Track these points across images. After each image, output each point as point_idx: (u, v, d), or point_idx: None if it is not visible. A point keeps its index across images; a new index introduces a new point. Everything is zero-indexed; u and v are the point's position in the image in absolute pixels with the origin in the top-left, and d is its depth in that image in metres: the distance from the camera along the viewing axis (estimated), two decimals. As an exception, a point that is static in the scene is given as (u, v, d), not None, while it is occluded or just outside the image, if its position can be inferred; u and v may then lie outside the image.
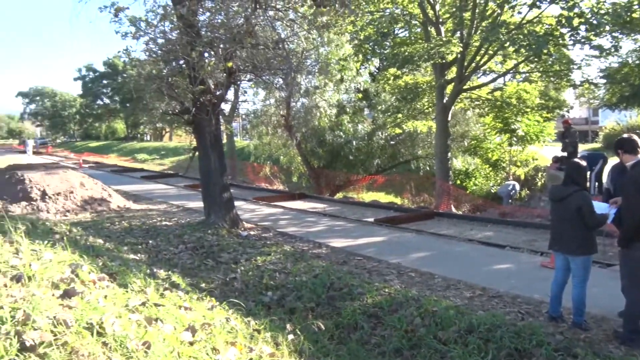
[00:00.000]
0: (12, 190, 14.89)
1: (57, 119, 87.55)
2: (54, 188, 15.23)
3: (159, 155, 45.75)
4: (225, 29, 10.13)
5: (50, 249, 4.52)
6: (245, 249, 9.38)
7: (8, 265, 3.53)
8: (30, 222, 7.92)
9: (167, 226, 11.93)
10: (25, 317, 2.67)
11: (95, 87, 77.45)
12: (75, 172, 17.71)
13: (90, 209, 14.99)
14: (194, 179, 23.54)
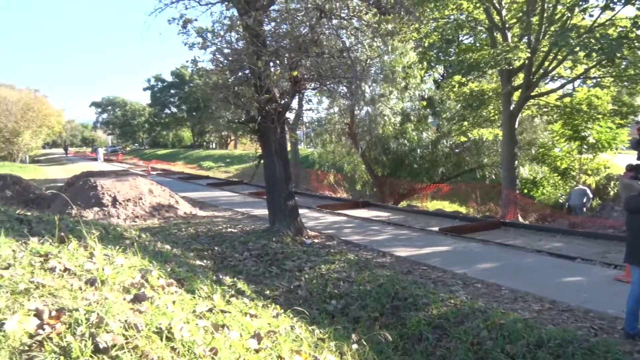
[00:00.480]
0: (85, 196, 15.49)
1: (127, 127, 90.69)
2: (124, 194, 15.75)
3: (224, 163, 46.55)
4: (291, 38, 10.24)
5: (122, 254, 4.64)
6: (309, 257, 9.39)
7: (83, 269, 3.64)
8: (103, 227, 8.17)
9: (232, 233, 12.10)
10: (99, 320, 2.75)
11: (163, 96, 79.68)
12: (144, 179, 18.24)
13: (158, 215, 15.39)
14: (259, 187, 23.83)
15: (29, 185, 19.32)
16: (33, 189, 19.12)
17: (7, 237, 4.18)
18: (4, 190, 17.55)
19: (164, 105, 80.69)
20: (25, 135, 55.89)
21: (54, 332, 2.54)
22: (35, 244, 4.08)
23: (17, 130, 54.77)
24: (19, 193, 17.95)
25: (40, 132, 60.29)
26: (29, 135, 56.73)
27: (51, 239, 4.36)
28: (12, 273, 3.18)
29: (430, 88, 25.75)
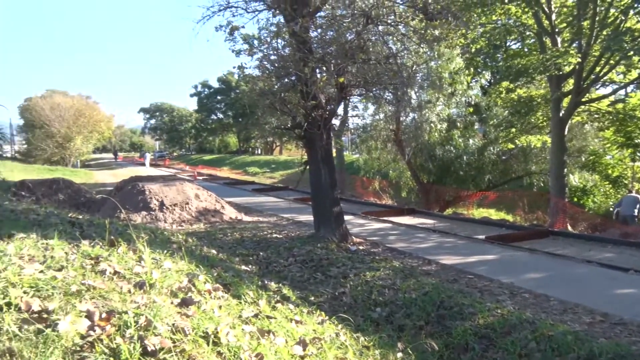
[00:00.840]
0: (133, 201, 15.81)
1: (174, 133, 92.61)
2: (171, 199, 16.00)
3: (270, 169, 46.94)
4: (337, 44, 10.25)
5: (169, 258, 4.70)
6: (354, 263, 9.34)
7: (132, 272, 3.71)
8: (151, 231, 8.32)
9: (278, 239, 12.14)
10: (147, 323, 2.78)
11: (209, 102, 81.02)
12: (191, 184, 18.49)
13: (204, 219, 15.58)
14: (304, 193, 23.89)
15: (80, 189, 19.84)
16: (84, 193, 19.62)
17: (60, 239, 4.29)
18: (57, 193, 18.08)
19: (211, 111, 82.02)
20: (76, 140, 57.70)
21: (104, 333, 2.59)
22: (87, 247, 4.18)
23: (69, 135, 56.60)
24: (71, 196, 18.46)
25: (91, 138, 62.12)
26: (80, 140, 58.54)
27: (101, 242, 4.47)
28: (65, 275, 3.26)
29: (477, 94, 25.41)
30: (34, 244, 4.01)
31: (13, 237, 4.14)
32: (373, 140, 25.53)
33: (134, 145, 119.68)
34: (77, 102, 61.39)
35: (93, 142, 65.39)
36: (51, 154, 56.37)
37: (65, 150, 57.61)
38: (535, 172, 25.40)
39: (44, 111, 56.57)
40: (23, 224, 5.58)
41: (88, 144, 62.81)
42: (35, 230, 4.66)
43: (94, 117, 61.29)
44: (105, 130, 64.93)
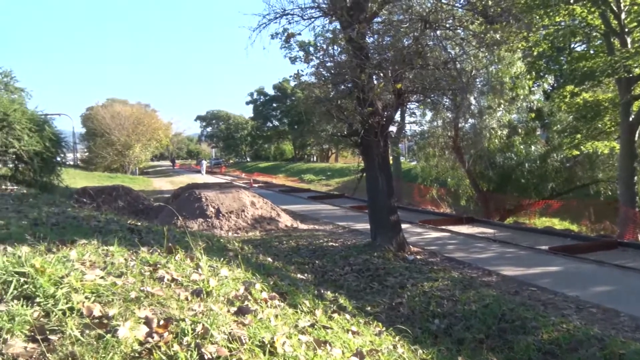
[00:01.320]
0: (190, 208, 16.12)
1: (230, 140, 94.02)
2: (227, 206, 16.24)
3: (325, 176, 47.02)
4: (394, 50, 10.21)
5: (226, 265, 4.75)
6: (412, 273, 9.25)
7: (189, 279, 3.77)
8: (207, 238, 8.45)
9: (333, 247, 12.15)
10: (204, 331, 2.81)
11: (265, 110, 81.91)
12: (247, 191, 18.72)
13: (260, 227, 15.74)
14: (361, 200, 23.81)
15: (138, 196, 20.39)
16: (142, 200, 20.16)
17: (120, 246, 4.41)
18: (116, 200, 18.64)
19: (266, 118, 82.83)
20: (135, 148, 59.26)
21: (161, 340, 2.63)
22: (145, 254, 4.27)
23: (128, 143, 58.24)
24: (130, 203, 19.00)
25: (149, 145, 63.63)
26: (139, 148, 60.08)
27: (160, 249, 4.55)
28: (125, 281, 3.33)
29: (539, 99, 24.76)
30: (95, 250, 4.12)
31: (76, 243, 4.28)
32: (431, 147, 25.24)
33: (191, 153, 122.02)
34: (136, 111, 63.23)
35: (151, 150, 66.85)
36: (111, 161, 58.18)
37: (124, 158, 59.29)
38: (602, 179, 24.53)
39: (104, 120, 58.37)
40: (85, 230, 5.76)
41: (146, 152, 64.31)
42: (96, 237, 4.81)
43: (152, 125, 62.79)
44: (163, 138, 66.35)
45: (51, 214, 7.54)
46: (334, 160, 74.07)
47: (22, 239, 4.38)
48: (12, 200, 9.73)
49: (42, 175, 20.04)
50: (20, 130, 18.03)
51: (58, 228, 5.91)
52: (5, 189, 12.58)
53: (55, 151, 20.70)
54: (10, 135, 17.79)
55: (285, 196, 29.31)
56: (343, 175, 43.33)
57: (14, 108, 18.76)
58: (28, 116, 19.37)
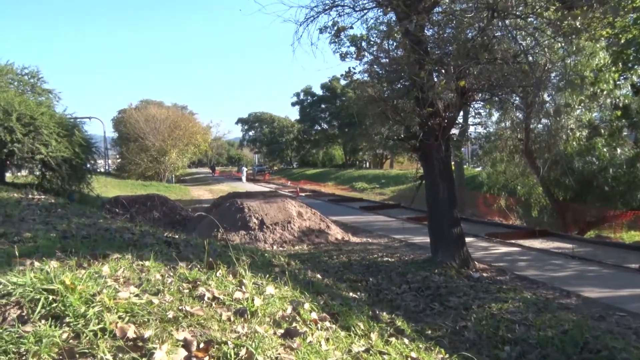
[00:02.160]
0: (231, 218, 16.28)
1: (274, 145, 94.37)
2: (272, 217, 16.33)
3: (379, 184, 46.84)
4: (457, 43, 10.06)
5: (272, 283, 4.75)
6: (478, 293, 9.10)
7: (232, 298, 3.77)
8: (250, 252, 8.50)
9: (389, 263, 12.07)
10: (248, 356, 2.81)
11: (313, 111, 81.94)
12: (293, 201, 18.79)
13: (308, 240, 15.77)
14: (419, 211, 23.64)
15: (175, 206, 20.75)
16: (179, 210, 20.51)
17: (156, 260, 4.46)
18: (151, 210, 19.00)
19: (314, 121, 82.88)
20: (171, 153, 59.65)
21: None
22: (184, 269, 4.31)
23: (164, 149, 58.63)
24: (166, 214, 19.34)
25: (186, 151, 64.10)
26: (175, 154, 60.43)
27: (199, 265, 4.59)
28: (161, 300, 3.36)
29: (626, 94, 23.99)
30: (129, 265, 4.18)
31: (108, 258, 4.35)
32: (498, 151, 24.80)
33: (232, 159, 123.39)
34: (172, 113, 63.85)
35: (188, 156, 67.42)
36: (145, 168, 58.65)
37: (159, 165, 59.73)
38: None
39: (138, 123, 59.09)
40: (118, 244, 5.86)
41: (183, 158, 64.73)
42: (130, 251, 4.88)
43: (189, 128, 63.15)
44: (201, 142, 66.90)
45: (81, 225, 7.71)
46: (388, 166, 73.64)
47: (51, 252, 4.47)
48: (40, 211, 10.02)
49: (71, 183, 20.61)
50: (47, 135, 18.56)
51: (89, 241, 6.03)
52: (32, 198, 12.94)
53: (85, 157, 21.25)
54: (37, 140, 18.33)
55: (335, 206, 29.33)
56: (399, 183, 43.11)
57: (41, 111, 19.34)
58: (56, 120, 19.94)
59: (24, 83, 33.43)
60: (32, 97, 28.34)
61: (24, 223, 7.88)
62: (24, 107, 18.82)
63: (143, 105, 71.93)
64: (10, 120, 17.76)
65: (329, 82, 76.93)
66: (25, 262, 3.94)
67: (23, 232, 6.40)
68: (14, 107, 18.33)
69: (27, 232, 6.36)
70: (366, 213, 25.56)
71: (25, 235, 6.12)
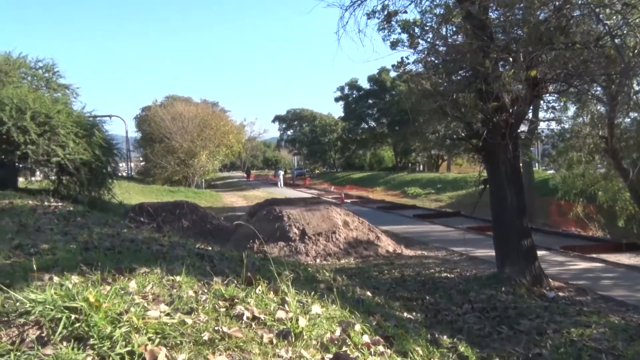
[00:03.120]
0: (269, 228, 16.34)
1: (315, 146, 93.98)
2: (315, 227, 16.35)
3: (435, 189, 46.50)
4: (528, 26, 9.88)
5: (317, 301, 4.74)
6: (553, 315, 8.96)
7: (274, 318, 3.77)
8: (292, 266, 8.53)
9: (448, 279, 11.99)
10: (295, 385, 2.80)
11: (359, 108, 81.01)
12: (338, 208, 18.80)
13: (355, 252, 15.76)
14: (481, 220, 23.44)
15: (205, 215, 20.92)
16: (210, 219, 20.67)
17: (188, 275, 4.48)
18: (180, 219, 19.21)
19: (360, 118, 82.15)
20: (201, 155, 59.44)
21: (242, 394, 2.63)
22: (219, 285, 4.33)
23: (192, 150, 58.52)
24: (196, 223, 19.52)
25: (217, 153, 63.86)
26: (205, 156, 60.25)
27: (236, 280, 4.60)
28: (195, 319, 3.37)
29: None
30: (159, 280, 4.22)
31: (135, 272, 4.40)
32: (574, 151, 24.36)
33: (268, 162, 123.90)
34: (202, 111, 63.83)
35: (220, 158, 67.18)
36: (172, 172, 58.88)
37: (187, 168, 59.84)
38: None
39: (163, 122, 59.32)
40: (145, 256, 5.92)
41: (214, 161, 64.41)
42: (159, 264, 4.92)
43: (221, 128, 63.09)
44: (234, 143, 66.76)
45: (104, 236, 7.82)
46: (445, 169, 73.11)
47: (72, 266, 4.54)
48: (57, 220, 10.18)
49: (91, 189, 20.91)
50: (64, 135, 18.85)
51: (113, 253, 6.11)
52: (48, 205, 13.15)
53: (106, 160, 21.56)
54: (52, 141, 18.61)
55: (385, 214, 29.31)
56: (457, 188, 42.71)
57: (57, 109, 19.66)
58: (74, 119, 20.25)
59: (38, 78, 33.90)
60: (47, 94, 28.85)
61: (40, 233, 8.02)
62: (38, 104, 19.16)
63: (169, 101, 72.51)
64: (24, 119, 18.07)
65: (378, 74, 76.34)
66: (43, 276, 4.00)
67: (40, 244, 6.51)
68: (27, 105, 18.68)
69: (44, 244, 6.47)
70: (420, 222, 25.54)
71: (42, 247, 6.23)
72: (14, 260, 5.31)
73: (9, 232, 7.65)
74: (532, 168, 34.24)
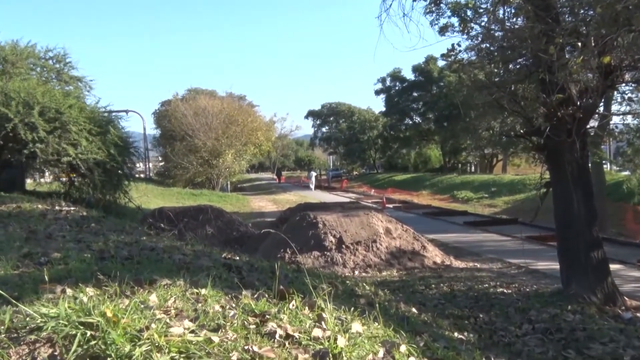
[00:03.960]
0: (302, 236, 16.36)
1: (353, 144, 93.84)
2: (353, 235, 16.35)
3: (488, 193, 46.25)
4: (602, 5, 9.71)
5: (357, 318, 4.71)
6: (631, 340, 8.77)
7: (309, 337, 3.74)
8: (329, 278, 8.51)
9: (504, 295, 11.89)
10: (335, 413, 2.77)
11: (402, 101, 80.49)
12: (379, 214, 18.76)
13: (398, 264, 15.73)
14: (543, 228, 23.20)
15: (232, 221, 21.03)
16: (237, 225, 20.78)
17: (214, 288, 4.48)
18: (204, 225, 19.32)
19: (404, 113, 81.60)
20: (227, 155, 59.53)
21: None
22: (249, 300, 4.32)
23: (217, 149, 58.77)
24: (221, 230, 19.63)
25: (244, 152, 63.64)
26: (231, 155, 60.27)
27: (267, 294, 4.59)
28: (223, 337, 3.36)
29: None
30: (182, 293, 4.22)
31: (156, 284, 4.41)
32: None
33: (300, 162, 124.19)
34: (227, 105, 64.10)
35: (247, 158, 66.95)
36: (194, 173, 58.95)
37: (211, 169, 59.92)
38: None
39: (185, 118, 59.58)
40: (167, 267, 5.95)
41: (241, 161, 64.03)
42: (182, 275, 4.93)
43: (248, 124, 63.30)
44: (263, 141, 66.78)
45: (121, 243, 7.89)
46: (500, 170, 72.62)
47: (86, 277, 4.57)
48: (69, 226, 10.30)
49: (105, 191, 21.08)
50: (76, 132, 18.98)
51: (131, 263, 6.15)
52: (59, 210, 13.27)
53: (122, 160, 21.73)
54: (63, 139, 18.74)
55: (432, 221, 29.33)
56: (514, 192, 42.45)
57: (68, 104, 19.81)
58: (87, 114, 20.40)
59: (48, 69, 34.04)
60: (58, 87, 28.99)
61: (51, 241, 8.12)
62: (48, 98, 19.32)
63: (191, 95, 72.88)
64: (32, 115, 18.21)
65: (424, 63, 75.94)
66: (55, 288, 4.02)
67: (51, 252, 6.58)
68: (36, 99, 18.83)
69: (56, 252, 6.54)
70: (472, 230, 25.51)
71: (54, 256, 6.29)
72: (22, 271, 5.37)
73: (17, 240, 7.75)
74: (603, 169, 33.81)
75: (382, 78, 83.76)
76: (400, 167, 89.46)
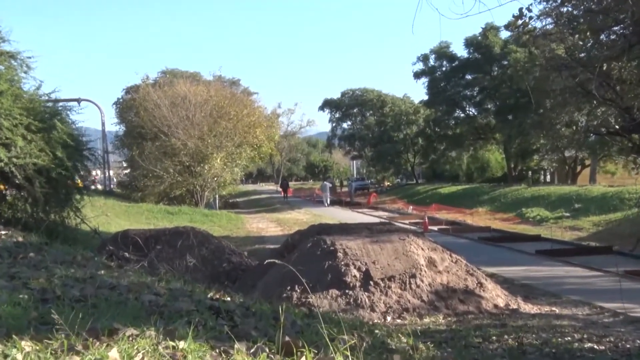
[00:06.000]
0: (316, 269, 16.25)
1: (385, 145, 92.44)
2: (384, 268, 16.23)
3: (570, 212, 46.09)
4: None
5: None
6: None
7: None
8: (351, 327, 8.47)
9: (595, 352, 11.79)
10: None
11: (451, 87, 79.09)
12: (420, 240, 18.65)
13: (446, 307, 15.63)
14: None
15: (221, 248, 20.98)
16: (228, 254, 20.72)
17: (196, 340, 4.44)
18: (183, 254, 19.25)
19: (453, 103, 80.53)
20: (214, 160, 58.47)
21: None
22: (243, 356, 4.28)
23: (202, 151, 57.85)
24: (207, 260, 19.58)
25: (238, 155, 62.59)
26: (220, 160, 59.31)
27: (269, 347, 4.56)
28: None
29: None
30: (153, 347, 4.19)
31: (117, 335, 4.37)
32: None
33: (314, 169, 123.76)
34: (215, 93, 63.52)
35: (242, 164, 66.34)
36: (171, 184, 58.05)
37: (194, 179, 58.92)
38: None
39: (159, 110, 58.42)
40: (132, 311, 5.93)
41: (234, 167, 63.54)
42: (153, 323, 4.90)
43: (244, 118, 62.76)
44: (263, 141, 66.22)
45: (70, 280, 7.86)
46: (586, 180, 72.41)
47: (22, 327, 4.53)
48: (0, 256, 10.25)
49: (49, 209, 20.98)
50: (8, 128, 18.75)
51: (85, 307, 6.12)
52: None
53: (73, 166, 21.63)
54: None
55: (491, 249, 29.35)
56: (606, 210, 42.26)
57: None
58: (24, 104, 20.20)
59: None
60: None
61: (-29, 278, 8.09)
62: (-36, 82, 19.12)
63: (167, 79, 72.24)
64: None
65: (481, 35, 75.35)
66: (-24, 345, 3.99)
67: (-29, 294, 6.56)
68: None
69: (-21, 293, 6.52)
70: (547, 261, 25.47)
71: (-25, 300, 6.26)
72: None
73: None
74: None
75: (423, 55, 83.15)
76: (447, 176, 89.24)
